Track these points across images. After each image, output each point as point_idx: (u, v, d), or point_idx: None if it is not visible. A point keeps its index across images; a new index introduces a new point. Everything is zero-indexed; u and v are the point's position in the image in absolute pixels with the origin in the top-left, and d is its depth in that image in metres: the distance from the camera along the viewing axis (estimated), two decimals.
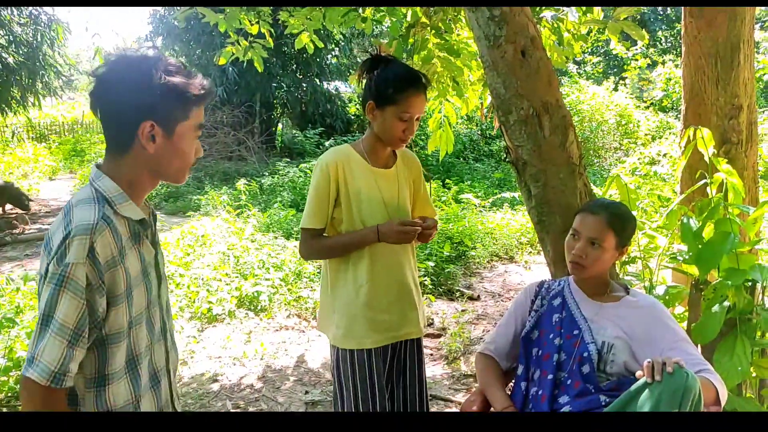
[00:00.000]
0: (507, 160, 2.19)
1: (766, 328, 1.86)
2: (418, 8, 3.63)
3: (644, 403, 1.41)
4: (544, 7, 3.30)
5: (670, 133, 11.21)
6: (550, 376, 1.71)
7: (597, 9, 3.26)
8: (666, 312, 1.69)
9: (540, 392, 1.71)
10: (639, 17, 16.89)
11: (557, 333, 1.76)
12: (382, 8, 3.87)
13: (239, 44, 4.59)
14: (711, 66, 3.09)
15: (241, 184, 9.36)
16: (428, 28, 3.67)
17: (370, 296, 1.94)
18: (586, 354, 1.67)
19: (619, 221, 1.72)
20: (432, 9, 3.54)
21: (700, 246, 2.00)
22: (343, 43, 14.82)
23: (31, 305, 4.17)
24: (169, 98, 1.22)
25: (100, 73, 1.22)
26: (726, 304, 1.84)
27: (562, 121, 2.07)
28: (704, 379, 1.51)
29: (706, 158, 2.30)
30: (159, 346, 1.38)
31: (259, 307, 4.78)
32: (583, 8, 3.19)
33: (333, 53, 15.37)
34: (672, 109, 14.05)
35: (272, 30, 4.71)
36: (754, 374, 1.94)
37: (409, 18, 3.84)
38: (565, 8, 3.38)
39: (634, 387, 1.46)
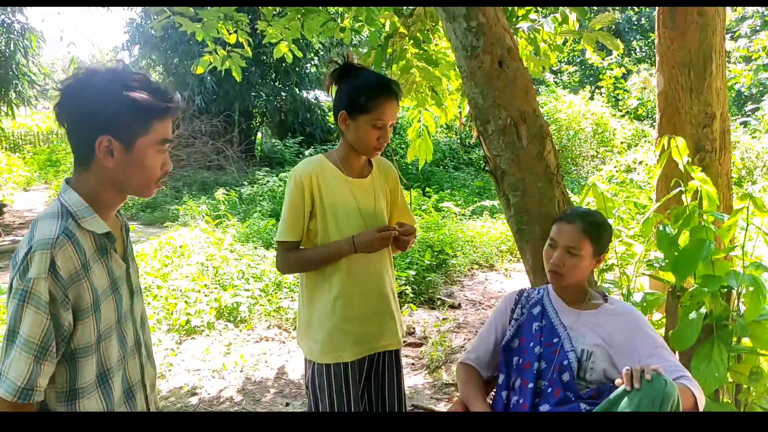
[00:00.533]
0: (486, 169, 2.19)
1: (741, 334, 1.88)
2: (396, 18, 3.64)
3: (624, 411, 1.42)
4: (520, 18, 3.34)
5: (645, 141, 11.39)
6: (530, 385, 1.72)
7: (572, 19, 3.31)
8: (644, 319, 1.70)
9: (521, 401, 1.72)
10: (614, 27, 17.20)
11: (537, 341, 1.76)
12: (360, 18, 3.88)
13: (217, 53, 4.57)
14: (684, 75, 3.14)
15: (220, 193, 9.28)
16: (407, 38, 3.68)
17: (347, 308, 1.91)
18: (566, 362, 1.68)
19: (595, 229, 1.74)
20: (410, 19, 3.56)
21: (676, 253, 2.03)
22: (322, 53, 14.83)
23: (4, 319, 4.07)
24: (128, 112, 1.21)
25: (65, 85, 1.22)
26: (703, 310, 1.86)
27: (540, 130, 2.09)
28: (682, 385, 1.53)
29: (681, 167, 2.33)
30: (133, 360, 1.37)
31: (238, 319, 4.73)
32: (559, 19, 3.23)
33: (312, 62, 15.36)
34: (647, 117, 14.29)
35: (250, 39, 4.69)
36: (730, 380, 1.96)
37: (387, 28, 3.85)
38: (541, 19, 3.43)
39: (613, 395, 1.47)
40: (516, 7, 3.41)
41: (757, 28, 14.46)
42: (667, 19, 3.18)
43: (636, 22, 19.19)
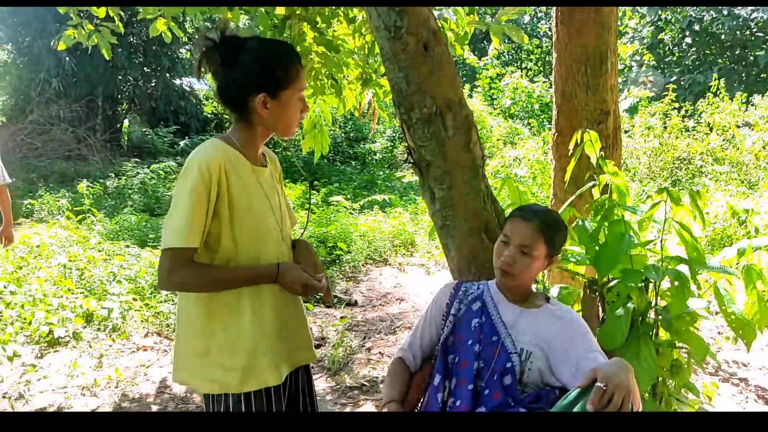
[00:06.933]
0: (409, 162, 2.03)
1: (666, 328, 1.89)
2: None
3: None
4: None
5: (518, 138, 12.02)
6: (469, 386, 1.58)
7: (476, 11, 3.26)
8: (584, 324, 1.64)
9: (459, 403, 1.57)
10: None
11: (476, 339, 1.63)
12: None
13: (83, 28, 4.01)
14: (581, 72, 3.21)
15: (83, 186, 8.36)
16: (304, 22, 3.43)
17: (264, 325, 1.63)
18: (509, 365, 1.57)
19: (551, 229, 1.64)
20: None
21: (597, 248, 2.00)
22: (197, 37, 14.00)
23: None
24: None
25: None
26: (630, 306, 1.84)
27: (466, 120, 1.97)
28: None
29: (591, 161, 2.33)
30: None
31: (110, 327, 4.21)
32: (465, 10, 3.16)
33: (186, 47, 14.42)
34: (517, 117, 15.09)
35: (122, 13, 4.19)
36: None
37: (282, 9, 3.57)
38: (445, 10, 3.34)
39: (567, 400, 1.38)
40: None
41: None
42: (565, 17, 3.23)
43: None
